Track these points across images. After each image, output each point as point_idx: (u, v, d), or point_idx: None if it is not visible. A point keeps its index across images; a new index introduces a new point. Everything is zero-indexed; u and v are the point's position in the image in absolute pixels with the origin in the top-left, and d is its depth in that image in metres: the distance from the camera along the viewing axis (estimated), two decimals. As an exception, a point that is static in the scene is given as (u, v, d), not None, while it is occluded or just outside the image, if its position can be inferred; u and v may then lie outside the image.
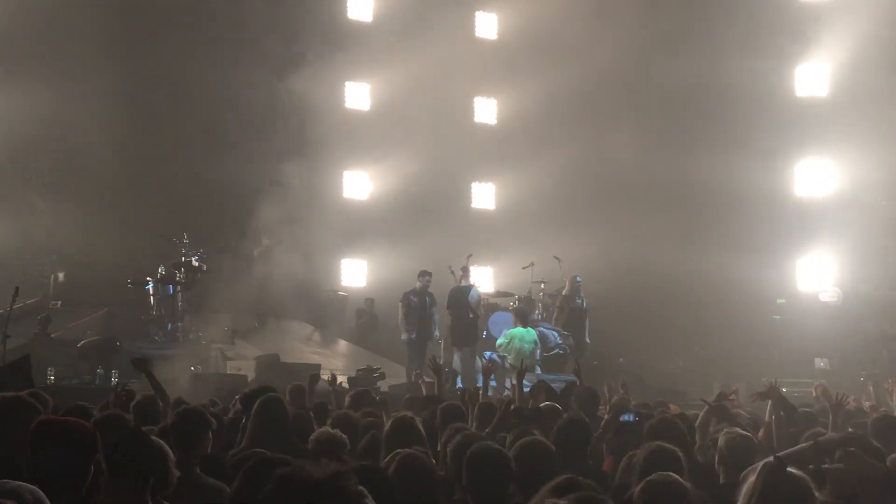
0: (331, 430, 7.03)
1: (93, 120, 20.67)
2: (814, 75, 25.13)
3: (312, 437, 7.03)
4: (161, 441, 5.50)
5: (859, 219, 22.82)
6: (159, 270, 20.06)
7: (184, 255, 20.01)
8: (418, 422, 7.23)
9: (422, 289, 19.06)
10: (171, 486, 5.41)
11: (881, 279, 21.61)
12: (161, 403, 8.41)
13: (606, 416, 8.15)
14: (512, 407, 8.04)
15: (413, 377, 16.38)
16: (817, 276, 24.65)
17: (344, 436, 7.05)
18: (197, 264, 20.02)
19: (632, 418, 8.01)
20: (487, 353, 18.47)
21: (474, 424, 7.86)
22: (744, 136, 23.72)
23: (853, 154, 23.30)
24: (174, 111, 21.86)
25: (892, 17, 21.91)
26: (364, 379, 16.32)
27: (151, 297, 20.17)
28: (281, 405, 7.58)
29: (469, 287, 19.53)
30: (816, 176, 24.96)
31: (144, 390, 9.21)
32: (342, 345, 21.66)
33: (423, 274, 19.38)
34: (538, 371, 17.65)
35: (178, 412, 7.15)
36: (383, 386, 16.85)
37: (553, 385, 9.40)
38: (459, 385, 16.93)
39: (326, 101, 24.25)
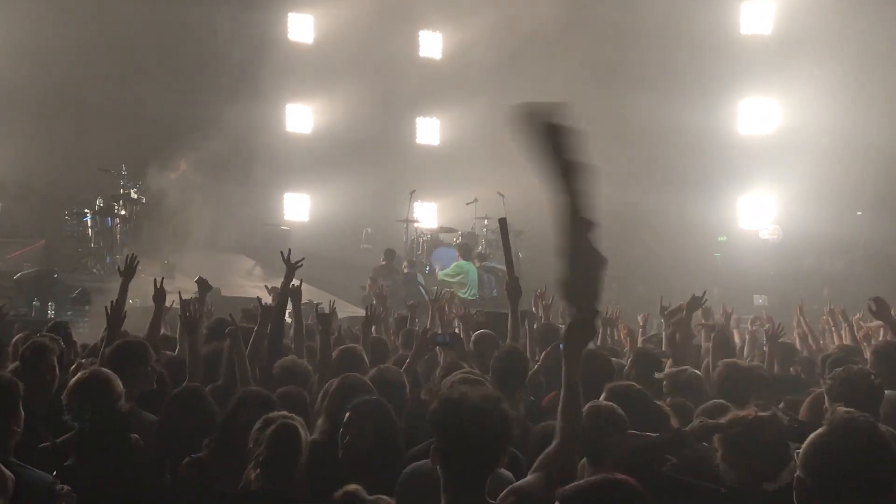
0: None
1: (31, 46, 20.24)
2: (758, 13, 25.14)
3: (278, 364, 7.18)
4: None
5: (800, 157, 22.96)
6: (97, 202, 19.80)
7: (122, 186, 19.76)
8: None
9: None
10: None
11: (821, 217, 21.81)
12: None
13: (545, 350, 8.13)
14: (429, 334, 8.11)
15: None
16: (758, 213, 24.88)
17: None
18: (136, 196, 19.78)
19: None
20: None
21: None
22: (687, 74, 23.70)
23: (796, 93, 23.38)
24: (116, 40, 21.39)
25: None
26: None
27: (90, 230, 19.93)
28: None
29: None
30: (759, 114, 25.08)
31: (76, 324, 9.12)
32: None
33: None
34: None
35: (115, 344, 7.04)
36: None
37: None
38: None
39: (269, 32, 23.94)
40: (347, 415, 5.45)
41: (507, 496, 4.26)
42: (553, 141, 4.38)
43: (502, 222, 8.28)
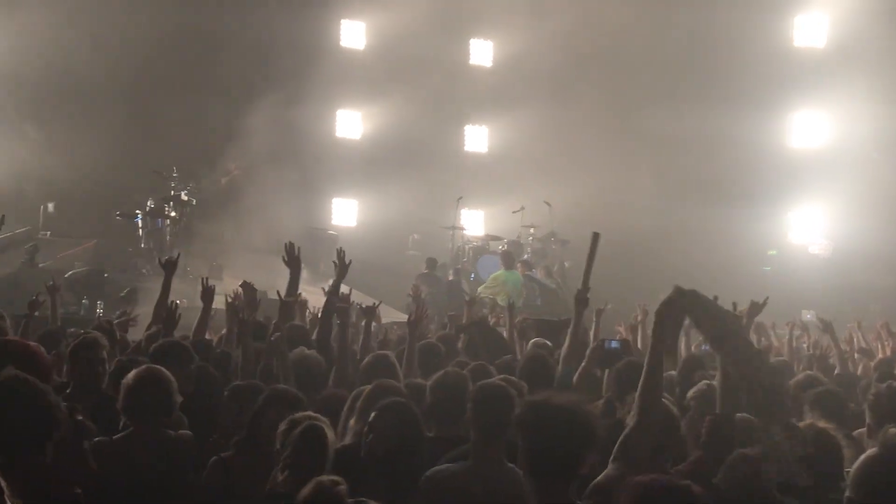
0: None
1: (89, 51, 20.51)
2: (812, 26, 24.95)
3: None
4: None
5: (851, 171, 22.74)
6: (148, 203, 20.03)
7: (173, 189, 19.99)
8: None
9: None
10: None
11: (872, 232, 21.57)
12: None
13: (592, 345, 8.12)
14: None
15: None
16: (808, 228, 24.66)
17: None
18: (186, 199, 19.99)
19: (617, 346, 8.03)
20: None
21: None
22: (740, 87, 23.57)
23: (848, 106, 23.18)
24: (172, 45, 21.66)
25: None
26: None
27: (140, 230, 20.16)
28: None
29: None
30: (811, 128, 24.87)
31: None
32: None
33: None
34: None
35: (157, 344, 7.12)
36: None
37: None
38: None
39: (322, 38, 24.08)
40: (373, 414, 5.43)
41: (590, 495, 4.31)
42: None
43: (595, 237, 8.21)
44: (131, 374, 5.76)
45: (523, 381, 6.65)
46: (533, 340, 8.71)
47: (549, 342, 8.71)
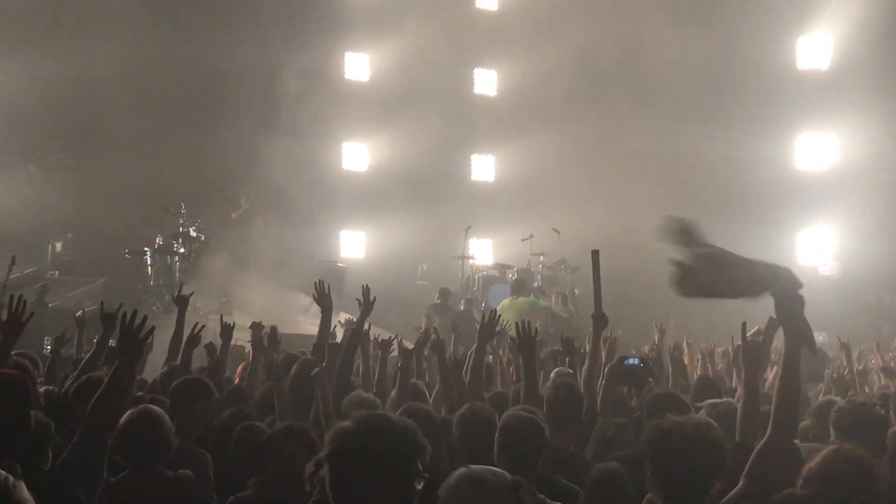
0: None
1: (95, 90, 20.61)
2: (815, 48, 24.98)
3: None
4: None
5: (859, 192, 22.73)
6: (157, 240, 20.05)
7: (182, 225, 20.01)
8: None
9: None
10: None
11: (880, 253, 21.50)
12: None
13: (611, 363, 8.07)
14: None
15: None
16: (817, 249, 24.59)
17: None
18: (195, 234, 20.01)
19: (637, 363, 7.96)
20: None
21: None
22: (745, 110, 23.60)
23: (854, 127, 23.17)
24: (176, 80, 21.76)
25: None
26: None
27: (149, 268, 20.17)
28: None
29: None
30: (817, 149, 24.86)
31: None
32: (342, 317, 21.57)
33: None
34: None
35: (177, 381, 7.09)
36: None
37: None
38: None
39: (326, 71, 24.17)
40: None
41: None
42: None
43: (595, 254, 8.18)
44: (124, 416, 5.73)
45: (552, 410, 6.59)
46: (556, 370, 8.64)
47: (571, 371, 8.65)
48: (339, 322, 10.60)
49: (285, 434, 5.68)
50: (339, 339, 9.83)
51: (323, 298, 8.82)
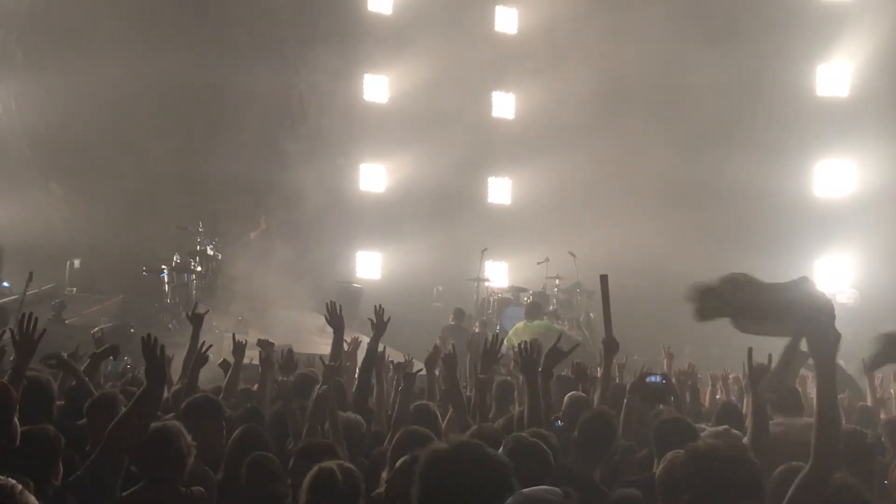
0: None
1: (112, 110, 20.73)
2: (835, 75, 24.97)
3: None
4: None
5: (878, 220, 22.64)
6: (174, 258, 20.11)
7: (199, 243, 20.08)
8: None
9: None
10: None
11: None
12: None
13: (634, 379, 8.03)
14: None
15: None
16: (835, 277, 24.49)
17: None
18: (212, 253, 20.07)
19: (660, 380, 7.92)
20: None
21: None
22: (764, 136, 23.57)
23: (873, 155, 23.14)
24: (195, 101, 21.88)
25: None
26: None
27: (166, 285, 20.24)
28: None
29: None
30: (836, 176, 24.81)
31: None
32: (349, 336, 21.53)
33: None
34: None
35: (188, 401, 7.08)
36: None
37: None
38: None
39: (345, 93, 24.26)
40: (398, 463, 5.31)
41: None
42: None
43: (603, 279, 8.16)
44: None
45: (583, 435, 6.57)
46: (570, 394, 8.59)
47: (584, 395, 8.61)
48: (346, 341, 10.59)
49: (307, 453, 5.66)
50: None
51: (335, 319, 8.83)
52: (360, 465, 6.23)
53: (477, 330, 19.62)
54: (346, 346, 10.59)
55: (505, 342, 18.31)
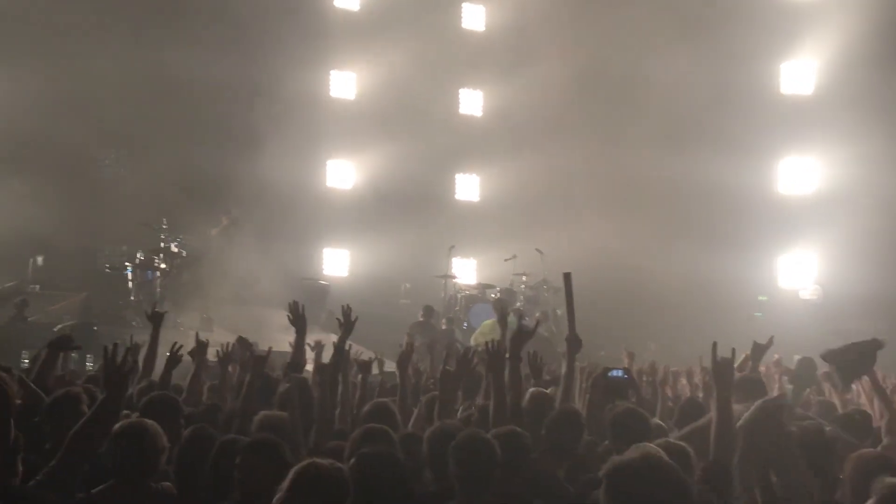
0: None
1: (75, 105, 20.51)
2: (799, 73, 25.12)
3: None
4: None
5: (841, 217, 22.82)
6: (138, 256, 19.96)
7: (163, 241, 19.92)
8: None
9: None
10: None
11: (862, 277, 21.58)
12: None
13: (595, 373, 8.03)
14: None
15: None
16: (799, 273, 24.67)
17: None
18: (176, 250, 19.93)
19: (621, 374, 7.92)
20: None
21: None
22: (728, 134, 23.67)
23: (836, 152, 23.31)
24: (160, 94, 21.70)
25: (877, 15, 21.87)
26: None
27: (130, 283, 20.06)
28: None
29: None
30: (800, 174, 24.97)
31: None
32: (324, 335, 21.47)
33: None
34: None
35: (146, 398, 7.04)
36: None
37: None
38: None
39: (312, 89, 24.16)
40: (351, 462, 5.26)
41: None
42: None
43: (567, 277, 8.16)
44: (115, 428, 5.68)
45: (550, 433, 6.57)
46: (531, 391, 8.58)
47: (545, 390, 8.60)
48: (309, 345, 10.52)
49: (253, 449, 5.60)
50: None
51: (298, 319, 8.78)
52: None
53: (444, 327, 19.63)
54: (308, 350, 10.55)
55: (472, 340, 18.38)
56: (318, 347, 10.74)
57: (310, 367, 9.33)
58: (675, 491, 3.82)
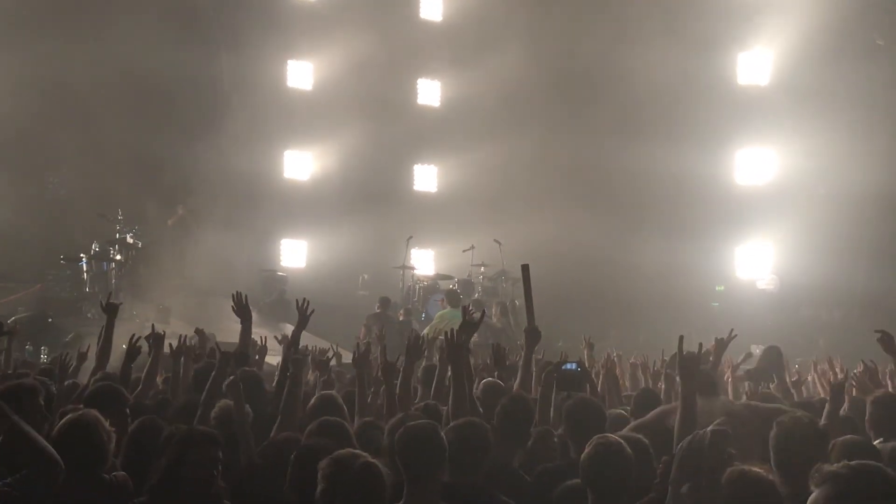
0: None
1: (29, 98, 20.24)
2: (756, 63, 25.24)
3: None
4: None
5: (797, 207, 23.00)
6: (93, 247, 19.77)
7: (118, 231, 19.75)
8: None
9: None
10: None
11: (818, 267, 21.76)
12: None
13: (547, 368, 8.00)
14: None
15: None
16: (755, 263, 24.83)
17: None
18: (132, 241, 19.76)
19: (575, 367, 7.90)
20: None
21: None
22: (685, 124, 23.76)
23: (793, 143, 23.47)
24: (114, 85, 21.44)
25: (834, 5, 22.02)
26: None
27: (85, 274, 19.88)
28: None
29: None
30: (756, 164, 25.11)
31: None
32: (283, 326, 21.38)
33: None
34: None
35: (91, 389, 7.02)
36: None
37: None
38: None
39: (269, 79, 24.01)
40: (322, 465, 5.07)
41: None
42: None
43: (525, 268, 8.16)
44: (63, 421, 5.62)
45: (501, 422, 6.60)
46: (485, 380, 8.56)
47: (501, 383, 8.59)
48: (277, 338, 10.44)
49: (187, 438, 5.56)
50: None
51: (241, 310, 8.76)
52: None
53: (402, 318, 19.58)
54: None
55: (427, 329, 18.33)
56: (286, 341, 10.67)
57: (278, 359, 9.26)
58: None
